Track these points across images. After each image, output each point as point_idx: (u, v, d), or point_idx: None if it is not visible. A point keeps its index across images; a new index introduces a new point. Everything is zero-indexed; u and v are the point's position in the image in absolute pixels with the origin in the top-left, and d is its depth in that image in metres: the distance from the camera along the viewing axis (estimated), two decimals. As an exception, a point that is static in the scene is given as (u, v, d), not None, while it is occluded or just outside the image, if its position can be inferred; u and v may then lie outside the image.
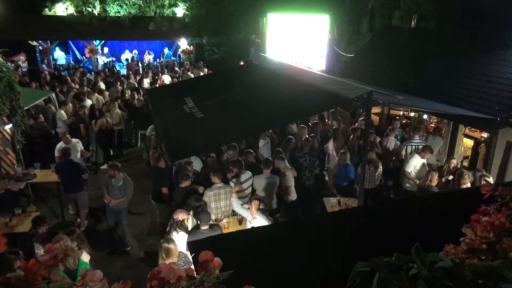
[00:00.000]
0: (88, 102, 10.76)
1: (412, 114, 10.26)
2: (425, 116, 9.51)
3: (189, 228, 5.20)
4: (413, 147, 7.79)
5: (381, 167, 7.16)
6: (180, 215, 5.04)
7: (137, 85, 13.44)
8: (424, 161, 7.06)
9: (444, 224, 1.76)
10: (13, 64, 15.45)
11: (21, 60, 17.62)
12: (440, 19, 11.55)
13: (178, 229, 4.94)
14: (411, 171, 7.01)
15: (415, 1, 12.38)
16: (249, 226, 5.35)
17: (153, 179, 7.04)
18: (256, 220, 5.24)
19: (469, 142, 8.37)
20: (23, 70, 16.36)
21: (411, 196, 6.82)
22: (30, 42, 17.92)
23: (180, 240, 4.85)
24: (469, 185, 5.76)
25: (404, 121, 10.09)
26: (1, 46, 7.43)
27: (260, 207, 5.31)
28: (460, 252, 1.11)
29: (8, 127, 7.33)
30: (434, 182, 6.26)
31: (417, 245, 0.91)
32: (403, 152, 7.88)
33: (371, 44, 11.42)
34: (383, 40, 11.02)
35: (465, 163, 8.27)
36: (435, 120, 9.40)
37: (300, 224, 3.02)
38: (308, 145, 7.45)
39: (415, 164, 6.99)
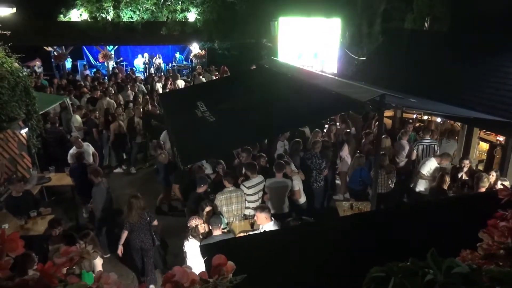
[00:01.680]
0: (103, 105, 10.91)
1: (425, 117, 10.15)
2: (438, 119, 9.40)
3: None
4: (424, 146, 7.73)
5: (394, 171, 7.09)
6: (194, 221, 5.05)
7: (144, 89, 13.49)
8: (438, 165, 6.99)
9: (459, 229, 1.73)
10: (28, 69, 15.76)
11: (37, 65, 17.95)
12: (454, 22, 11.43)
13: (192, 236, 4.95)
14: (425, 173, 6.94)
15: (427, 3, 12.27)
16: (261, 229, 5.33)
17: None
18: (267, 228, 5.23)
19: (485, 146, 8.24)
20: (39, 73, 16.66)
21: (425, 200, 6.73)
22: (45, 47, 18.28)
23: (192, 248, 4.86)
24: (485, 189, 5.67)
25: (417, 124, 9.98)
26: (17, 52, 7.57)
27: (265, 216, 5.23)
28: (477, 257, 1.09)
29: (24, 131, 7.47)
30: (446, 185, 6.19)
31: (433, 250, 0.90)
32: (415, 152, 7.82)
33: (383, 47, 11.35)
34: (396, 43, 10.93)
35: (480, 167, 8.14)
36: (451, 123, 9.29)
37: (312, 227, 3.01)
38: (318, 148, 7.43)
39: (430, 166, 6.92)
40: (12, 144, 7.16)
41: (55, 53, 18.21)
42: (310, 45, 12.47)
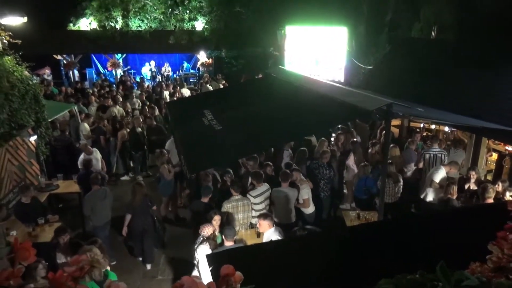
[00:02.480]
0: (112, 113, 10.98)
1: (433, 126, 10.10)
2: (446, 129, 9.35)
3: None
4: (431, 155, 7.68)
5: (401, 181, 7.05)
6: (208, 229, 5.03)
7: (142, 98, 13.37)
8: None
9: (468, 240, 1.72)
10: (38, 78, 15.98)
11: (46, 73, 18.19)
12: (461, 31, 11.41)
13: (207, 243, 4.95)
14: (438, 182, 6.88)
15: (434, 12, 12.28)
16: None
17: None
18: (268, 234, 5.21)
19: (493, 155, 8.17)
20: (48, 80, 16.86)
21: (433, 210, 6.67)
22: (54, 56, 18.53)
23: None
24: (492, 199, 5.62)
25: (425, 134, 9.93)
26: (27, 60, 7.68)
27: (268, 223, 5.23)
28: (487, 270, 1.08)
29: (33, 138, 7.54)
30: (454, 195, 6.14)
31: (442, 263, 0.89)
32: (422, 161, 7.78)
33: (390, 55, 11.35)
34: (403, 52, 10.93)
35: (489, 177, 8.07)
36: (458, 133, 9.23)
37: (320, 237, 2.99)
38: (326, 158, 7.42)
39: (441, 175, 6.87)
40: (21, 152, 7.23)
41: (65, 61, 18.45)
42: (316, 54, 12.50)
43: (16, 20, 8.10)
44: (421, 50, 10.11)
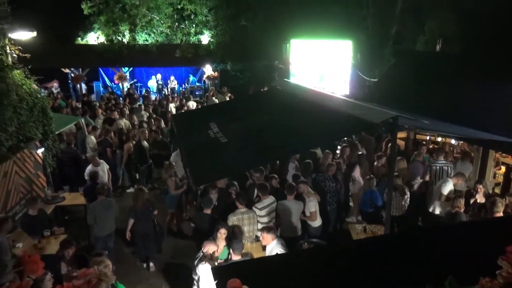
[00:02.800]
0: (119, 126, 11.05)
1: (439, 139, 10.05)
2: (453, 141, 9.30)
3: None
4: (437, 168, 7.64)
5: (408, 193, 6.99)
6: (210, 247, 4.97)
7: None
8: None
9: (477, 255, 1.70)
10: (46, 91, 16.17)
11: (54, 86, 18.41)
12: (466, 43, 11.43)
13: (207, 262, 4.89)
14: (446, 195, 6.82)
15: (439, 25, 12.32)
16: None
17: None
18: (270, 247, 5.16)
19: (502, 169, 8.10)
20: (57, 93, 17.06)
21: (441, 224, 6.60)
22: (62, 69, 18.79)
23: (206, 272, 4.81)
24: (501, 213, 5.55)
25: (431, 146, 9.89)
26: (36, 74, 7.79)
27: (271, 236, 5.18)
28: (497, 285, 1.07)
29: (40, 151, 7.60)
30: (462, 208, 6.08)
31: (451, 278, 0.89)
32: (428, 174, 7.73)
33: (395, 68, 11.37)
34: (408, 65, 10.95)
35: (497, 190, 7.98)
36: (465, 145, 9.18)
37: (326, 251, 2.97)
38: (331, 170, 7.39)
39: (449, 188, 6.82)
40: (28, 164, 7.28)
41: (72, 74, 18.68)
42: (321, 67, 12.57)
43: (25, 35, 8.23)
44: (426, 63, 10.12)
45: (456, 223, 5.62)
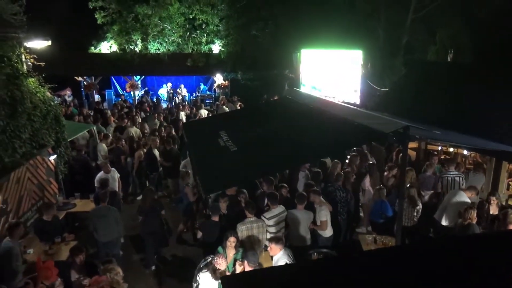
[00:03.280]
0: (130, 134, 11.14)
1: (451, 149, 9.94)
2: (465, 152, 9.19)
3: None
4: (449, 179, 7.55)
5: (420, 204, 6.91)
6: (221, 264, 4.89)
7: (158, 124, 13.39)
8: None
9: (491, 268, 1.67)
10: (59, 98, 16.43)
11: (67, 94, 18.69)
12: (477, 53, 11.36)
13: (210, 273, 4.84)
14: (457, 206, 6.72)
15: (450, 35, 12.28)
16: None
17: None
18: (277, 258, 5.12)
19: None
20: (75, 103, 17.31)
21: (453, 236, 6.50)
22: (75, 77, 19.10)
23: (205, 281, 4.80)
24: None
25: (442, 157, 9.78)
26: (49, 82, 7.92)
27: (279, 247, 5.13)
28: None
29: (52, 157, 7.70)
30: (474, 220, 5.98)
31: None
32: (439, 185, 7.64)
33: (406, 78, 11.32)
34: (419, 74, 10.90)
35: (510, 202, 7.84)
36: (477, 156, 9.07)
37: (335, 261, 2.94)
38: (340, 180, 7.35)
39: (461, 200, 6.72)
40: (41, 170, 7.38)
41: (85, 82, 18.97)
42: (331, 77, 12.58)
43: (40, 44, 8.39)
44: (438, 73, 10.06)
45: (468, 235, 5.53)
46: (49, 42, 8.77)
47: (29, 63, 7.71)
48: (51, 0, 16.67)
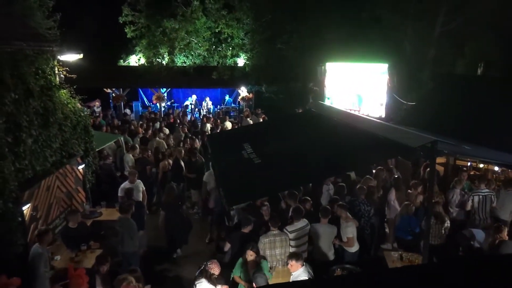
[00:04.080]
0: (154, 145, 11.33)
1: (481, 165, 9.62)
2: (496, 168, 8.88)
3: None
4: (480, 197, 7.30)
5: (448, 222, 6.70)
6: (214, 269, 4.91)
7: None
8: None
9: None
10: (89, 109, 16.94)
11: (96, 105, 19.24)
12: (509, 67, 11.03)
13: (206, 279, 4.84)
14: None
15: (480, 48, 12.00)
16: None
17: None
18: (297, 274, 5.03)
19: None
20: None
21: (485, 255, 6.25)
22: (104, 89, 19.68)
23: None
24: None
25: (472, 172, 9.47)
26: (80, 93, 8.19)
27: (300, 263, 5.03)
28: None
29: (81, 167, 7.91)
30: (506, 237, 5.75)
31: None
32: (470, 203, 7.38)
33: (434, 92, 11.11)
34: (447, 88, 10.67)
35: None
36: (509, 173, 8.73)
37: (360, 279, 2.86)
38: (363, 193, 7.22)
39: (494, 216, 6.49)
40: (69, 179, 7.58)
41: (113, 94, 19.50)
42: (357, 90, 12.47)
43: (72, 57, 8.71)
44: (467, 87, 9.83)
45: (501, 254, 5.30)
46: (81, 55, 9.09)
47: (62, 75, 8.01)
48: (84, 15, 17.33)
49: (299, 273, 5.00)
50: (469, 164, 9.69)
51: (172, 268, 7.54)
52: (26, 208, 5.77)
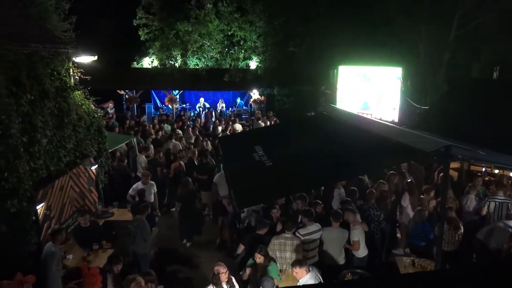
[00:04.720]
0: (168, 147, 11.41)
1: (496, 171, 9.45)
2: (511, 174, 8.70)
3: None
4: (497, 203, 7.16)
5: (462, 228, 6.58)
6: (219, 269, 4.88)
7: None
8: None
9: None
10: (102, 111, 17.11)
11: (109, 107, 19.45)
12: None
13: (213, 284, 4.82)
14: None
15: (495, 52, 11.81)
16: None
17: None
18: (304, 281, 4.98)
19: None
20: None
21: (498, 262, 6.12)
22: (118, 91, 19.90)
23: None
24: None
25: (487, 178, 9.30)
26: (94, 95, 8.29)
27: (305, 269, 4.95)
28: None
29: (94, 167, 8.00)
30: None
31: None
32: (485, 209, 7.24)
33: (449, 96, 10.96)
34: (462, 92, 10.52)
35: None
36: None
37: (369, 284, 2.83)
38: (373, 198, 7.15)
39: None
40: (82, 179, 7.67)
41: (127, 96, 19.70)
42: (369, 93, 12.38)
43: (87, 59, 8.85)
44: (483, 91, 9.67)
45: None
46: (95, 57, 9.22)
47: (76, 77, 8.13)
48: (98, 18, 17.59)
49: (306, 279, 4.93)
50: (483, 169, 9.52)
51: (183, 269, 7.55)
52: (40, 207, 5.85)
